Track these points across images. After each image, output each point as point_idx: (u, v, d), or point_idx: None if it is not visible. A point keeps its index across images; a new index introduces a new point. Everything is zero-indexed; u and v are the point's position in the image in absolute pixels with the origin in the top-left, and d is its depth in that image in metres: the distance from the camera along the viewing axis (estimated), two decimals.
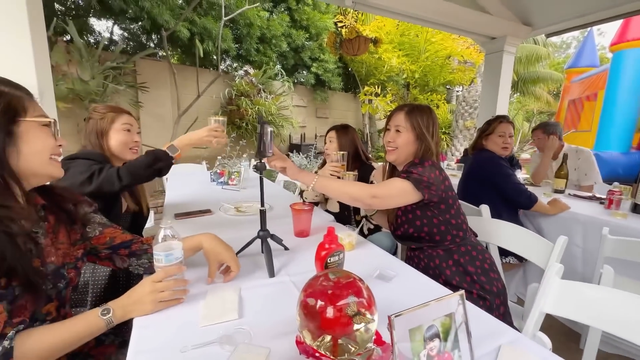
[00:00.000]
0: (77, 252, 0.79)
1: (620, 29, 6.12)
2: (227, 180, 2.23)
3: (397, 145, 1.15)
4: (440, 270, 1.11)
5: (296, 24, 6.67)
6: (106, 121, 1.22)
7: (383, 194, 1.05)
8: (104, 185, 1.05)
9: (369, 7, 2.51)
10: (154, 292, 0.72)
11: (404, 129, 1.14)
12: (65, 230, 0.77)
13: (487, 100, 3.36)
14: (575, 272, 1.72)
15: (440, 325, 0.49)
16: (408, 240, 1.20)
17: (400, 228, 1.19)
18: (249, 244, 1.03)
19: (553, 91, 10.46)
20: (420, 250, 1.18)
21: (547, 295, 0.82)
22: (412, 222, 1.14)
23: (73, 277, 0.76)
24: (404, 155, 1.16)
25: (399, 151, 1.16)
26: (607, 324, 0.75)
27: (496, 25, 2.98)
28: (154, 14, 4.60)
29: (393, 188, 1.06)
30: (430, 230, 1.11)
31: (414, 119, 1.13)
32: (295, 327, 0.60)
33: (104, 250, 0.85)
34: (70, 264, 0.76)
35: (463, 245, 1.13)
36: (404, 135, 1.14)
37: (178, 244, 0.78)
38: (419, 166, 1.08)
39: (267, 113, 5.72)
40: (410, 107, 1.16)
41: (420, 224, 1.12)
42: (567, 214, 1.76)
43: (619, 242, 1.25)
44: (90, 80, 4.02)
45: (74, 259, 0.77)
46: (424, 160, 1.11)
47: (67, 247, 0.76)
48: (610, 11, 2.57)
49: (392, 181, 1.09)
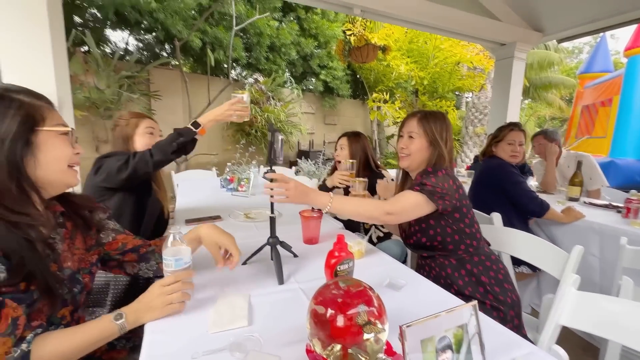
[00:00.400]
0: (92, 257, 0.81)
1: (635, 34, 6.01)
2: (237, 186, 2.26)
3: (410, 151, 1.13)
4: (452, 280, 1.09)
5: (305, 32, 6.77)
6: (130, 127, 1.32)
7: (397, 210, 1.03)
8: (139, 165, 1.14)
9: (378, 15, 2.53)
10: (162, 295, 0.73)
11: (417, 135, 1.12)
12: (81, 236, 0.79)
13: (498, 107, 3.32)
14: (593, 284, 1.66)
15: (452, 337, 0.48)
16: (420, 249, 1.18)
17: (412, 237, 1.17)
18: (259, 251, 1.03)
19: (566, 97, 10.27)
20: (432, 259, 1.16)
21: (563, 307, 0.80)
22: (425, 231, 1.12)
23: (87, 282, 0.78)
24: (417, 162, 1.14)
25: (411, 157, 1.14)
26: (626, 338, 0.72)
27: (506, 31, 2.97)
28: (168, 24, 4.74)
29: (407, 203, 1.04)
30: (444, 239, 1.09)
31: (427, 125, 1.11)
32: (305, 335, 0.60)
33: (117, 255, 0.87)
34: (85, 269, 0.78)
35: (476, 255, 1.11)
36: (417, 141, 1.12)
37: (187, 249, 0.79)
38: (432, 176, 1.06)
39: (276, 120, 5.79)
40: (423, 113, 1.15)
41: (433, 233, 1.10)
42: (583, 222, 1.71)
43: (639, 253, 1.20)
44: (106, 89, 4.15)
45: (89, 264, 0.79)
46: (437, 170, 1.09)
47: (82, 252, 0.78)
48: (622, 16, 2.53)
49: (405, 196, 1.06)
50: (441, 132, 1.11)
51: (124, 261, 0.88)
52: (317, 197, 0.99)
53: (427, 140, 1.12)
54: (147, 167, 1.16)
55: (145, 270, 0.90)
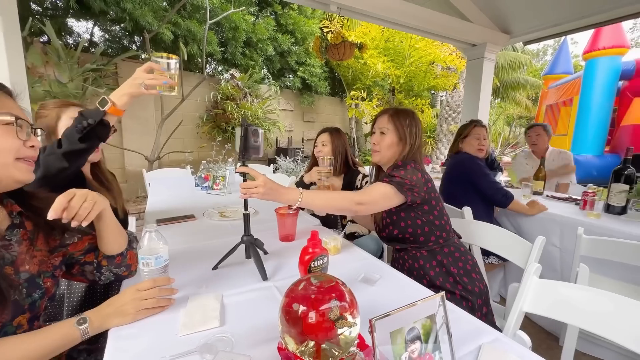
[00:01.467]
0: (54, 260, 0.75)
1: (592, 38, 6.44)
2: (212, 184, 2.20)
3: (382, 147, 1.18)
4: (424, 271, 1.13)
5: (282, 28, 6.68)
6: (51, 118, 1.10)
7: (367, 200, 1.06)
8: (49, 161, 0.91)
9: (354, 12, 2.55)
10: (136, 300, 0.70)
11: (388, 131, 1.17)
12: (44, 238, 0.74)
13: (469, 105, 3.45)
14: (555, 271, 1.77)
15: (421, 327, 0.49)
16: (393, 241, 1.21)
17: (385, 229, 1.21)
18: (233, 251, 1.01)
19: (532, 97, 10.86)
20: (405, 251, 1.20)
21: (526, 295, 0.84)
22: (396, 224, 1.16)
23: (49, 287, 0.72)
24: (388, 157, 1.19)
25: (382, 153, 1.19)
26: (583, 321, 0.77)
27: (476, 32, 3.08)
28: (136, 15, 4.51)
29: (376, 193, 1.07)
30: (415, 231, 1.13)
31: (397, 121, 1.16)
32: (278, 333, 0.59)
33: (80, 256, 0.81)
34: (47, 272, 0.72)
35: (446, 247, 1.15)
36: (388, 137, 1.17)
37: (164, 247, 0.77)
38: (401, 169, 1.10)
39: (254, 117, 5.68)
40: (394, 110, 1.20)
41: (404, 225, 1.14)
42: (545, 214, 1.82)
43: (593, 242, 1.30)
44: (69, 83, 3.88)
45: (52, 267, 0.74)
46: (407, 163, 1.12)
47: (44, 254, 0.73)
48: (582, 21, 2.70)
49: (375, 187, 1.10)
50: (411, 128, 1.16)
51: (85, 262, 0.82)
52: (287, 193, 0.98)
53: (397, 136, 1.16)
54: (60, 161, 0.92)
55: (107, 274, 0.84)
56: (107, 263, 0.83)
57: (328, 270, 0.90)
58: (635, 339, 0.68)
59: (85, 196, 0.70)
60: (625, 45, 6.18)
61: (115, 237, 0.82)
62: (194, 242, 1.22)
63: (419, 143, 1.17)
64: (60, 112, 1.12)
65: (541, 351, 1.65)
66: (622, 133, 6.35)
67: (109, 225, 0.79)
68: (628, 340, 0.69)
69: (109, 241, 0.81)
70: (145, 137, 5.00)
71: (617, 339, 0.71)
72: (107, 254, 0.82)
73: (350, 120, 7.68)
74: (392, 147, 1.17)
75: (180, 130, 5.18)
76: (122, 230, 0.85)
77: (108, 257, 0.82)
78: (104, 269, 0.83)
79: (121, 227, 0.85)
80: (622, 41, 6.16)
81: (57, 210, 0.65)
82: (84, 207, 0.69)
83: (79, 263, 0.82)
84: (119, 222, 0.84)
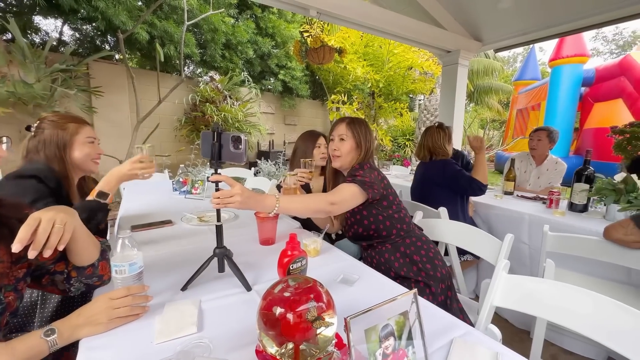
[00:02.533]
0: (18, 272, 0.70)
1: (557, 47, 6.87)
2: (191, 189, 2.15)
3: (342, 153, 1.29)
4: (390, 264, 1.21)
5: (262, 31, 6.66)
6: (69, 132, 1.15)
7: (339, 200, 1.13)
8: None
9: (333, 18, 2.59)
10: (109, 308, 0.68)
11: (347, 137, 1.28)
12: (6, 249, 0.69)
13: (446, 109, 3.58)
14: (525, 267, 1.86)
15: (394, 324, 0.51)
16: (359, 239, 1.31)
17: (350, 229, 1.30)
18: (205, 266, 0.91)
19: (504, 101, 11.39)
20: (371, 248, 1.28)
21: (496, 290, 0.89)
22: (360, 222, 1.25)
23: (11, 302, 0.68)
24: (348, 161, 1.30)
25: (343, 158, 1.29)
26: (550, 314, 0.81)
27: (450, 39, 3.21)
28: (109, 14, 4.34)
29: (346, 192, 1.15)
30: (377, 226, 1.23)
31: (354, 128, 1.29)
32: (256, 336, 0.59)
33: (50, 265, 0.77)
34: (9, 286, 0.68)
35: (408, 237, 1.25)
36: (347, 143, 1.28)
37: (139, 253, 0.76)
38: (359, 170, 1.21)
39: (234, 120, 5.61)
40: (350, 119, 1.32)
41: (367, 222, 1.24)
42: (514, 213, 1.91)
43: (558, 238, 1.38)
44: (36, 84, 3.68)
45: (14, 280, 0.69)
46: (364, 164, 1.24)
47: (7, 266, 0.68)
48: (547, 31, 2.88)
49: (343, 187, 1.17)
50: (365, 134, 1.29)
51: (56, 272, 0.78)
52: (263, 200, 0.98)
53: (355, 141, 1.28)
54: None
55: (77, 285, 0.80)
56: (77, 274, 0.78)
57: (307, 272, 0.91)
58: (594, 328, 0.74)
59: (53, 219, 0.63)
60: (586, 54, 6.63)
61: (86, 249, 0.78)
62: (171, 248, 1.19)
63: (372, 148, 1.32)
64: (78, 128, 1.18)
65: (513, 344, 1.72)
66: (585, 136, 6.79)
67: (79, 239, 0.74)
68: (586, 329, 0.74)
69: (78, 253, 0.77)
70: (120, 140, 4.82)
71: (579, 329, 0.75)
72: (77, 265, 0.78)
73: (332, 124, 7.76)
74: (351, 152, 1.28)
75: (157, 134, 5.03)
76: (94, 242, 0.81)
77: (78, 268, 0.78)
78: (73, 280, 0.79)
79: (93, 238, 0.81)
80: (583, 50, 6.61)
81: (23, 241, 0.59)
82: (54, 232, 0.62)
83: (48, 273, 0.78)
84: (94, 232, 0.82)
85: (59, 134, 1.14)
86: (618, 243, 1.23)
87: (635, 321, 0.68)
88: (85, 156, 1.19)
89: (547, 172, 2.47)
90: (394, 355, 0.50)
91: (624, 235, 1.20)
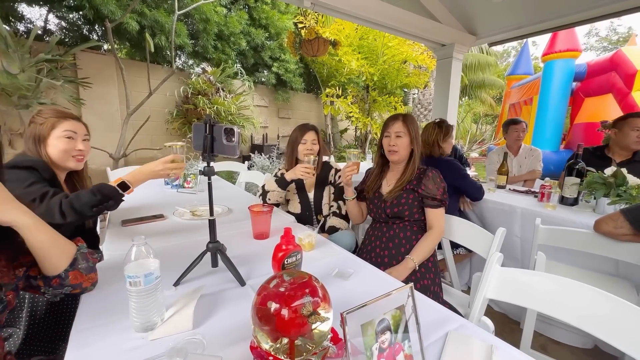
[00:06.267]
0: (18, 271, 0.69)
1: (550, 41, 6.90)
2: (183, 183, 2.12)
3: (399, 148, 1.37)
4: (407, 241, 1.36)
5: (255, 22, 6.53)
6: (46, 127, 1.11)
7: (440, 226, 1.34)
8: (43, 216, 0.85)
9: (328, 9, 2.55)
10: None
11: (403, 134, 1.37)
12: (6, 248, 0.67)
13: (440, 103, 3.58)
14: (517, 260, 1.89)
15: (391, 318, 0.51)
16: (395, 217, 1.41)
17: (395, 208, 1.39)
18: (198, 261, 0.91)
19: (496, 96, 11.47)
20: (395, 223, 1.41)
21: (488, 282, 0.90)
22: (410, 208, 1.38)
23: (11, 300, 0.66)
24: (404, 156, 1.40)
25: (400, 153, 1.38)
26: (541, 305, 0.82)
27: (445, 33, 3.19)
28: (97, 2, 4.20)
29: (442, 218, 1.36)
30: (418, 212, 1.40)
31: (410, 125, 1.38)
32: (250, 332, 0.58)
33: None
34: (10, 285, 0.66)
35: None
36: (403, 139, 1.37)
37: (155, 261, 0.68)
38: (430, 181, 1.35)
39: (227, 112, 5.52)
40: (403, 116, 1.41)
41: (416, 210, 1.39)
42: (507, 207, 1.93)
43: (549, 231, 1.40)
44: (20, 74, 3.56)
45: (15, 279, 0.67)
46: (427, 171, 1.37)
47: (6, 265, 0.66)
48: (540, 25, 2.89)
49: (437, 216, 1.35)
50: (417, 129, 1.39)
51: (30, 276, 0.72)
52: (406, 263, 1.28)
53: (409, 137, 1.38)
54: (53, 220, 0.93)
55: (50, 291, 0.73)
56: (43, 283, 0.72)
57: (302, 266, 0.91)
58: (582, 317, 0.75)
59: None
60: (578, 49, 6.68)
61: (45, 258, 0.70)
62: (164, 243, 1.17)
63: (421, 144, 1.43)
64: (56, 122, 1.12)
65: (504, 334, 1.76)
66: (575, 130, 6.89)
67: (33, 244, 0.67)
68: (575, 319, 0.75)
69: (39, 260, 0.70)
70: (110, 133, 4.72)
71: (568, 319, 0.77)
72: (43, 273, 0.72)
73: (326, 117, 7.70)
74: (406, 148, 1.38)
75: (148, 126, 4.93)
76: (62, 250, 0.72)
77: (44, 277, 0.72)
78: (42, 289, 0.73)
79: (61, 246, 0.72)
80: (575, 45, 6.65)
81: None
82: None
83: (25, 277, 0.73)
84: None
85: (36, 129, 1.11)
86: (608, 236, 1.26)
87: (621, 310, 0.69)
88: (60, 152, 1.12)
89: (526, 159, 2.76)
90: (390, 350, 0.50)
91: (613, 228, 1.22)
